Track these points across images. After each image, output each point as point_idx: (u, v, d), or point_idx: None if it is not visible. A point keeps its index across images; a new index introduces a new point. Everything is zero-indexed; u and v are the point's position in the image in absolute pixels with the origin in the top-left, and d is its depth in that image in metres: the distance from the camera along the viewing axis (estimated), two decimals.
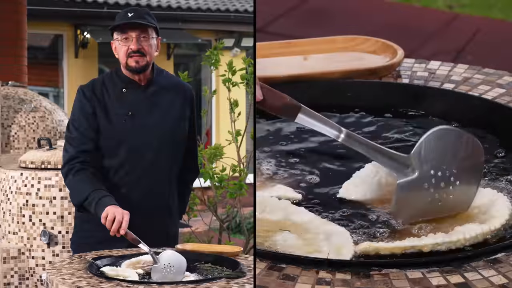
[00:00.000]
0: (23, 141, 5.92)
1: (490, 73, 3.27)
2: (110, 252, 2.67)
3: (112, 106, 2.96)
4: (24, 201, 3.65)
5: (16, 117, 5.93)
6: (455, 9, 5.43)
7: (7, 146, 5.91)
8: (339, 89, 3.12)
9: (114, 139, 2.94)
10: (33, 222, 3.63)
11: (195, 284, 2.22)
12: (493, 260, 2.23)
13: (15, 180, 3.69)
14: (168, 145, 2.99)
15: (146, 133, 2.95)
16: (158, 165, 2.98)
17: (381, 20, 4.76)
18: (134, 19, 2.94)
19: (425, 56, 3.56)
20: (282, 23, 4.59)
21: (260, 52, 3.38)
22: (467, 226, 2.34)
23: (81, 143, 2.93)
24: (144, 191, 2.96)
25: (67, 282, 2.23)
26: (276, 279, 2.16)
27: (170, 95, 3.03)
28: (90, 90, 2.98)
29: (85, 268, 2.40)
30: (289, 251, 2.28)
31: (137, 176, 2.95)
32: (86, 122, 2.94)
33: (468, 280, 2.15)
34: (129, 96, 2.98)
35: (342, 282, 2.15)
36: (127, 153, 2.94)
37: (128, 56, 2.94)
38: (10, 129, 5.91)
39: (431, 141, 2.42)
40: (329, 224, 2.41)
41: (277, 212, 2.45)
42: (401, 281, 2.15)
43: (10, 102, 5.98)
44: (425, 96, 3.07)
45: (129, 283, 2.23)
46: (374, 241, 2.32)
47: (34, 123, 5.96)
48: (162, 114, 2.99)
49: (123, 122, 2.94)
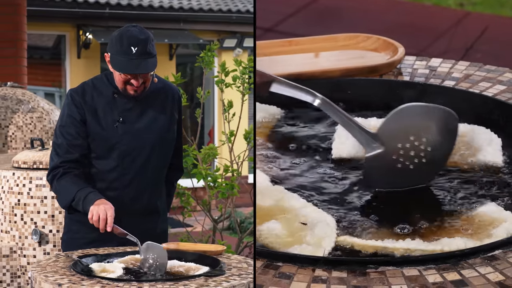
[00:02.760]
0: (21, 141, 5.93)
1: (492, 70, 3.24)
2: (96, 251, 2.67)
3: (102, 112, 2.94)
4: (16, 201, 3.67)
5: (14, 118, 5.94)
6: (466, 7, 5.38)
7: (5, 146, 5.93)
8: (340, 87, 3.12)
9: (105, 144, 2.94)
10: (24, 221, 3.64)
11: (174, 282, 2.23)
12: (490, 257, 2.22)
13: (8, 180, 3.71)
14: (158, 149, 2.99)
15: (137, 139, 2.95)
16: (149, 168, 2.98)
17: (391, 19, 4.74)
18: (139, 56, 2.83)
19: (435, 54, 3.50)
20: (291, 22, 4.57)
21: (261, 51, 3.38)
22: (457, 239, 2.31)
23: (66, 152, 2.92)
24: (135, 193, 2.97)
25: (49, 280, 2.23)
26: (272, 277, 2.17)
27: (159, 99, 3.02)
28: (80, 95, 2.95)
29: (69, 266, 2.39)
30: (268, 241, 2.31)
31: (128, 179, 2.95)
32: (73, 129, 2.92)
33: (465, 277, 2.14)
34: (120, 102, 2.96)
35: (338, 280, 2.15)
36: (119, 158, 2.94)
37: (127, 84, 2.90)
38: (8, 129, 5.93)
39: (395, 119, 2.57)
40: (319, 212, 2.43)
41: (269, 198, 2.48)
42: (397, 278, 2.14)
43: (8, 103, 5.99)
44: (426, 93, 3.04)
45: (110, 281, 2.24)
46: (354, 236, 2.35)
47: (31, 124, 5.97)
48: (152, 119, 2.98)
49: (115, 128, 2.93)
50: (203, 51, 4.90)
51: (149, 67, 2.87)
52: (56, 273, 2.32)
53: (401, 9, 5.03)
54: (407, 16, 4.90)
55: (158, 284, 2.20)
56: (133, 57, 2.83)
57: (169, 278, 2.28)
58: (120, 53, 2.85)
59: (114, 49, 2.87)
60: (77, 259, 2.45)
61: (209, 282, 2.22)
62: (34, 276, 2.30)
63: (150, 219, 3.02)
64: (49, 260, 2.51)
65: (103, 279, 2.25)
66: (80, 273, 2.30)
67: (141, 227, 2.87)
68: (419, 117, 2.57)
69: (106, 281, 2.23)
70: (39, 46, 12.37)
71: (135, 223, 2.86)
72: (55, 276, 2.28)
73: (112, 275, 2.31)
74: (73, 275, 2.29)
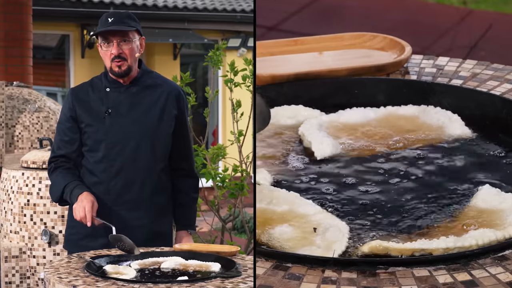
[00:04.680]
0: (27, 141, 5.94)
1: (499, 68, 3.24)
2: (109, 252, 2.69)
3: (94, 104, 3.04)
4: (25, 201, 3.67)
5: (20, 117, 5.95)
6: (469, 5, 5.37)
7: (11, 146, 5.93)
8: (347, 86, 3.11)
9: (94, 136, 3.02)
10: (34, 222, 3.65)
11: (190, 283, 2.22)
12: (501, 258, 2.21)
13: (17, 180, 3.72)
14: (147, 141, 3.02)
15: (124, 130, 3.01)
16: (137, 160, 3.01)
17: (395, 17, 4.74)
18: (114, 24, 2.98)
19: (439, 52, 3.50)
20: (295, 21, 4.58)
21: (267, 50, 3.37)
22: (481, 231, 2.30)
23: (58, 148, 3.08)
24: (123, 185, 3.00)
25: (64, 281, 2.24)
26: (281, 278, 2.16)
27: (152, 94, 3.06)
28: (75, 94, 3.08)
29: (82, 267, 2.40)
30: (279, 245, 2.30)
31: (115, 171, 3.00)
32: (66, 126, 3.06)
33: (475, 277, 2.13)
34: (111, 95, 3.05)
35: (348, 281, 2.13)
36: (106, 149, 3.01)
37: (112, 61, 3.01)
38: (14, 129, 5.94)
39: None
40: (331, 219, 2.42)
41: (284, 203, 2.47)
42: (407, 279, 2.13)
43: (15, 102, 6.00)
44: (433, 93, 3.05)
45: (125, 282, 2.23)
46: (385, 241, 2.30)
47: (38, 123, 5.98)
48: (141, 113, 3.03)
49: (102, 119, 3.01)
50: (211, 51, 4.90)
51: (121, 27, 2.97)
52: (70, 274, 2.33)
53: (404, 7, 5.03)
54: (411, 14, 4.91)
55: (174, 286, 2.19)
56: (109, 24, 2.98)
57: (185, 280, 2.27)
58: (99, 27, 3.00)
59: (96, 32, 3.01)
60: (90, 260, 2.46)
61: (226, 284, 2.22)
62: (48, 278, 2.30)
63: (143, 215, 3.01)
64: (61, 261, 2.52)
65: (118, 280, 2.25)
66: (95, 275, 2.30)
67: (132, 224, 2.94)
68: None
69: (122, 283, 2.23)
70: (42, 46, 12.38)
71: (124, 217, 2.96)
72: (69, 277, 2.29)
73: (125, 276, 2.31)
74: (87, 276, 2.30)
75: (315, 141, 2.80)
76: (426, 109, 2.98)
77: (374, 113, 3.00)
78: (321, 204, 2.51)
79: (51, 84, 12.80)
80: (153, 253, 2.58)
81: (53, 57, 12.90)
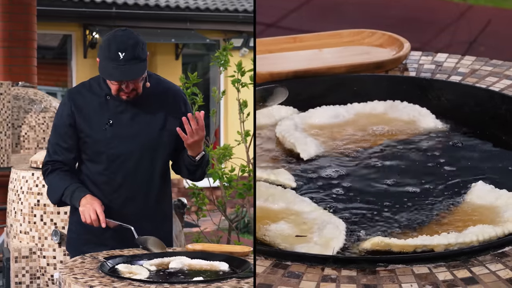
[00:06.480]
0: (33, 141, 5.94)
1: (498, 64, 3.23)
2: (121, 252, 2.70)
3: (94, 113, 2.92)
4: (35, 201, 3.67)
5: (26, 117, 5.94)
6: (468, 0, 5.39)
7: (18, 146, 5.92)
8: (346, 83, 3.11)
9: (94, 146, 2.93)
10: (44, 222, 3.65)
11: (206, 284, 2.23)
12: (500, 254, 2.20)
13: (27, 180, 3.71)
14: (150, 153, 2.95)
15: (126, 143, 2.92)
16: (140, 173, 2.95)
17: (393, 13, 4.74)
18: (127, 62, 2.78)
19: (439, 48, 3.52)
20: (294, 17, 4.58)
21: (266, 48, 3.36)
22: (480, 227, 2.30)
23: (54, 153, 2.98)
24: (125, 198, 2.95)
25: (80, 281, 2.24)
26: (281, 276, 2.15)
27: (155, 102, 2.96)
28: (73, 99, 2.94)
29: (96, 268, 2.41)
30: (276, 242, 2.29)
31: (117, 184, 2.94)
32: (64, 131, 2.95)
33: (475, 274, 2.12)
34: (112, 104, 2.93)
35: (348, 278, 2.13)
36: (107, 161, 2.93)
37: (120, 91, 2.87)
38: (20, 129, 5.93)
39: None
40: (328, 216, 2.41)
41: (280, 201, 2.46)
42: (407, 276, 2.12)
43: (20, 103, 5.99)
44: (432, 89, 3.06)
45: (141, 283, 2.24)
46: (387, 237, 2.29)
47: (44, 123, 5.97)
48: (145, 123, 2.93)
49: (103, 130, 2.91)
50: (218, 51, 4.91)
51: (136, 73, 2.82)
52: (85, 275, 2.33)
53: (403, 3, 5.02)
54: (409, 9, 4.89)
55: (190, 286, 2.20)
56: (120, 63, 2.78)
57: (201, 280, 2.27)
58: (108, 59, 2.81)
59: (103, 55, 2.83)
60: (103, 260, 2.46)
61: (242, 284, 2.23)
62: (63, 278, 2.30)
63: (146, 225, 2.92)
64: (75, 262, 2.52)
65: (134, 280, 2.26)
66: (110, 275, 2.30)
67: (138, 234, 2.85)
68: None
69: (138, 283, 2.23)
70: (43, 46, 12.38)
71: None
72: (85, 277, 2.29)
73: (139, 276, 2.31)
74: (103, 276, 2.30)
75: (298, 142, 2.77)
76: (393, 104, 2.99)
77: (344, 110, 2.99)
78: (316, 202, 2.49)
79: (51, 84, 12.78)
80: (165, 253, 2.60)
81: (54, 57, 12.89)
